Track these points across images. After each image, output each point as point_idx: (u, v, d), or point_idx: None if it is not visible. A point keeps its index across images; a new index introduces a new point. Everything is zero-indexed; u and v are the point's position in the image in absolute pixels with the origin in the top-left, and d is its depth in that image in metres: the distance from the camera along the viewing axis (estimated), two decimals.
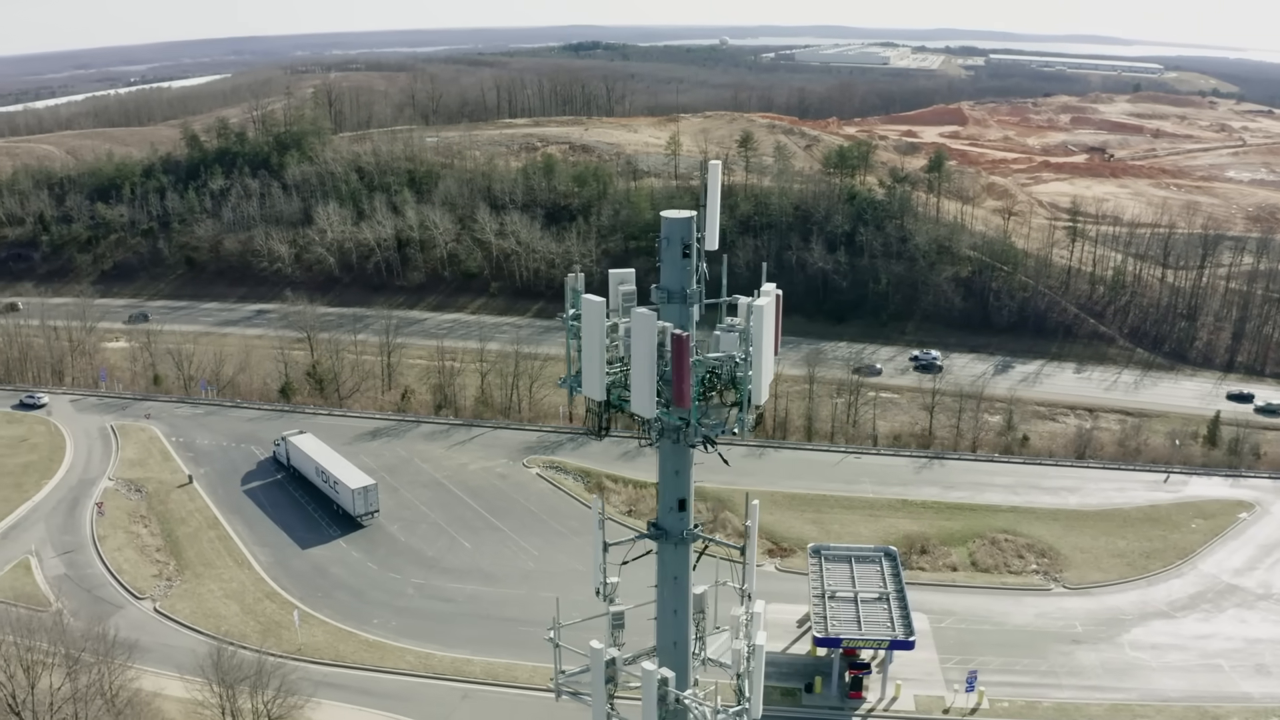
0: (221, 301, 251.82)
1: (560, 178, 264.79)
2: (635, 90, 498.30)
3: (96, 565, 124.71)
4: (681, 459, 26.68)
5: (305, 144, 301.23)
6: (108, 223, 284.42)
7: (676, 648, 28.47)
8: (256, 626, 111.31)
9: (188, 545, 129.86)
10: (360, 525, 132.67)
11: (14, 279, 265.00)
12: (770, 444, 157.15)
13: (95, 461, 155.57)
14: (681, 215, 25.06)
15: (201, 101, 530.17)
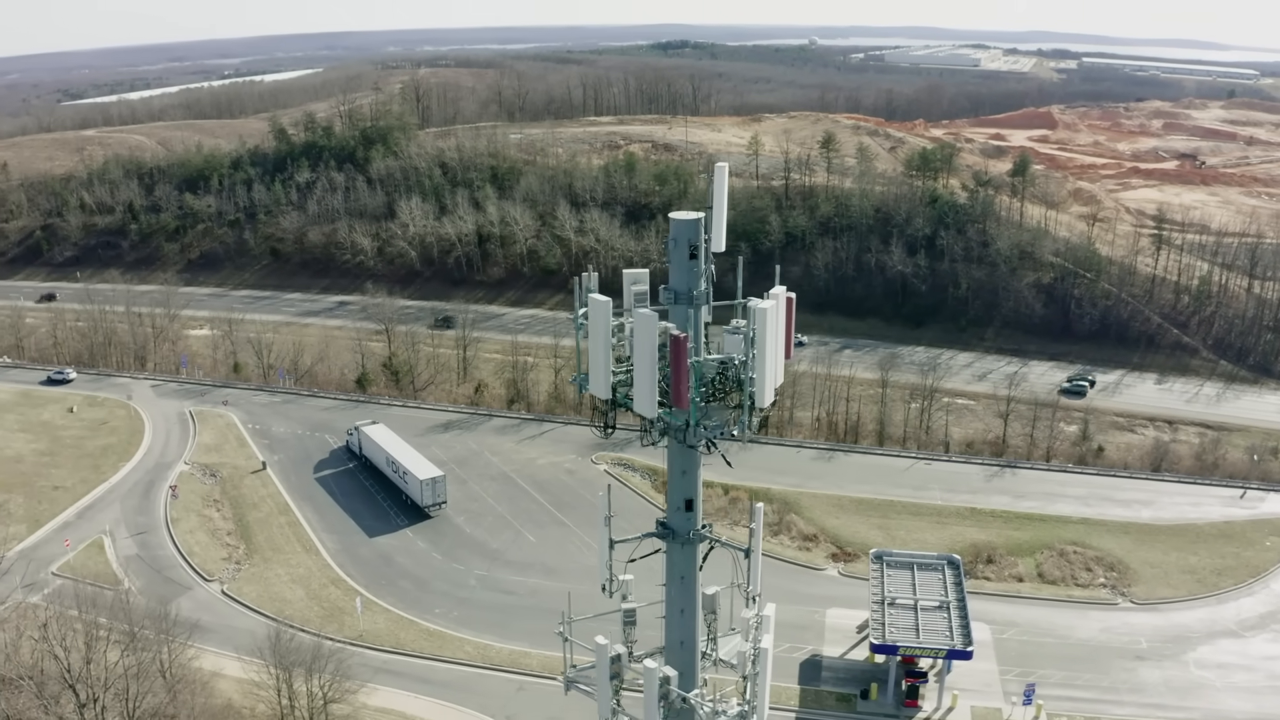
0: (304, 293, 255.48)
1: (641, 176, 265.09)
2: (721, 90, 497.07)
3: (168, 547, 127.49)
4: (688, 459, 26.77)
5: (391, 139, 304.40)
6: (195, 213, 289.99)
7: (684, 647, 28.52)
8: (320, 612, 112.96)
9: (258, 530, 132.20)
10: (427, 516, 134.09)
11: (102, 266, 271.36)
12: (840, 448, 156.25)
13: (173, 446, 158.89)
14: (689, 217, 25.05)
15: (292, 95, 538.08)
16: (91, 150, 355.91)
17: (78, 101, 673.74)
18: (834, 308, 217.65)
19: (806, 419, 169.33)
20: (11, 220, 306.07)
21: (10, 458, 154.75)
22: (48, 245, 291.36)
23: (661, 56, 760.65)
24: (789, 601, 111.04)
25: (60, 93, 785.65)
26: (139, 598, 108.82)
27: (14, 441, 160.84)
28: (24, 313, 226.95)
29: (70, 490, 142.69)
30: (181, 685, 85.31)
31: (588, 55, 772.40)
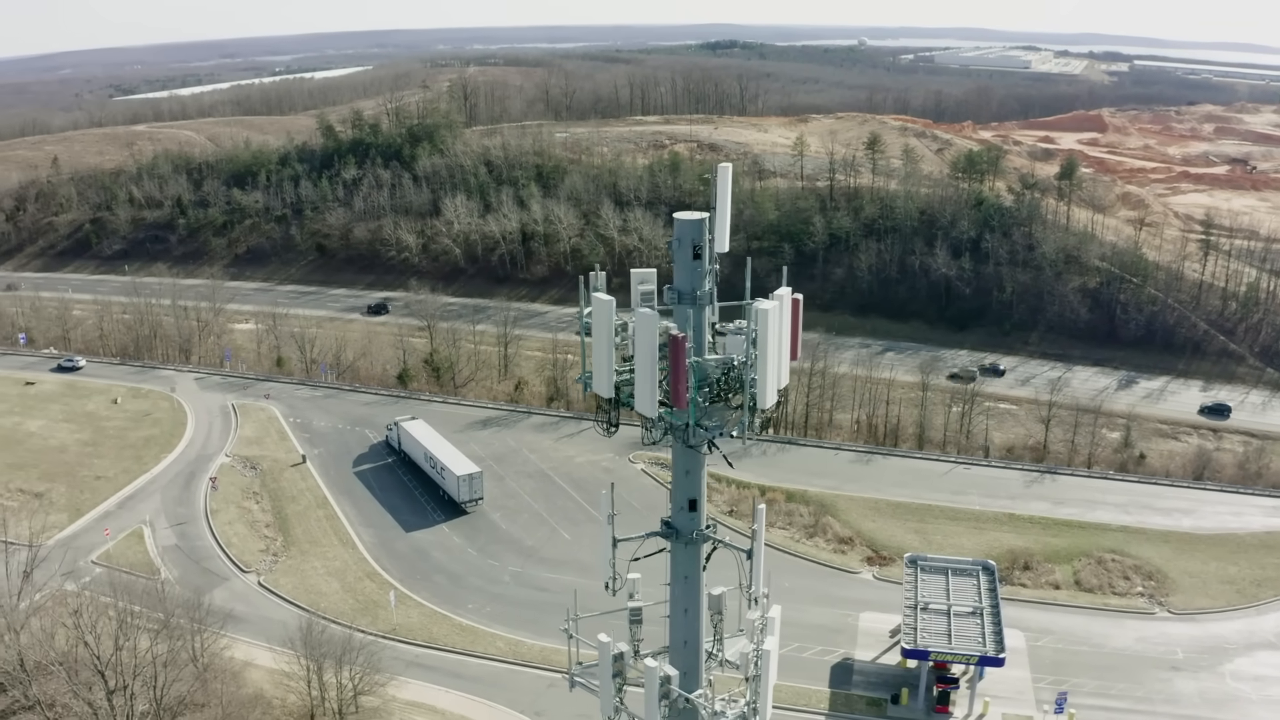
0: (349, 288, 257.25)
1: (685, 176, 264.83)
2: (769, 90, 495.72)
3: (207, 538, 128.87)
4: (691, 459, 26.68)
5: (437, 137, 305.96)
6: (243, 208, 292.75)
7: (687, 646, 28.45)
8: (355, 604, 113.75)
9: (296, 523, 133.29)
10: (464, 511, 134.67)
11: (150, 259, 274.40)
12: (879, 450, 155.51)
13: (214, 438, 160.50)
14: (692, 217, 25.02)
15: (341, 92, 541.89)
16: (141, 145, 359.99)
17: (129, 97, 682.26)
18: (877, 310, 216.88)
19: (846, 421, 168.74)
20: (61, 214, 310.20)
21: (54, 447, 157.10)
22: (97, 239, 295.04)
23: (710, 56, 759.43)
24: (822, 604, 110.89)
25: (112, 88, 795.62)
26: (175, 587, 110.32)
27: (58, 431, 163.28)
28: (71, 305, 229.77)
29: (112, 480, 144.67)
30: (213, 674, 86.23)
31: (636, 55, 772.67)
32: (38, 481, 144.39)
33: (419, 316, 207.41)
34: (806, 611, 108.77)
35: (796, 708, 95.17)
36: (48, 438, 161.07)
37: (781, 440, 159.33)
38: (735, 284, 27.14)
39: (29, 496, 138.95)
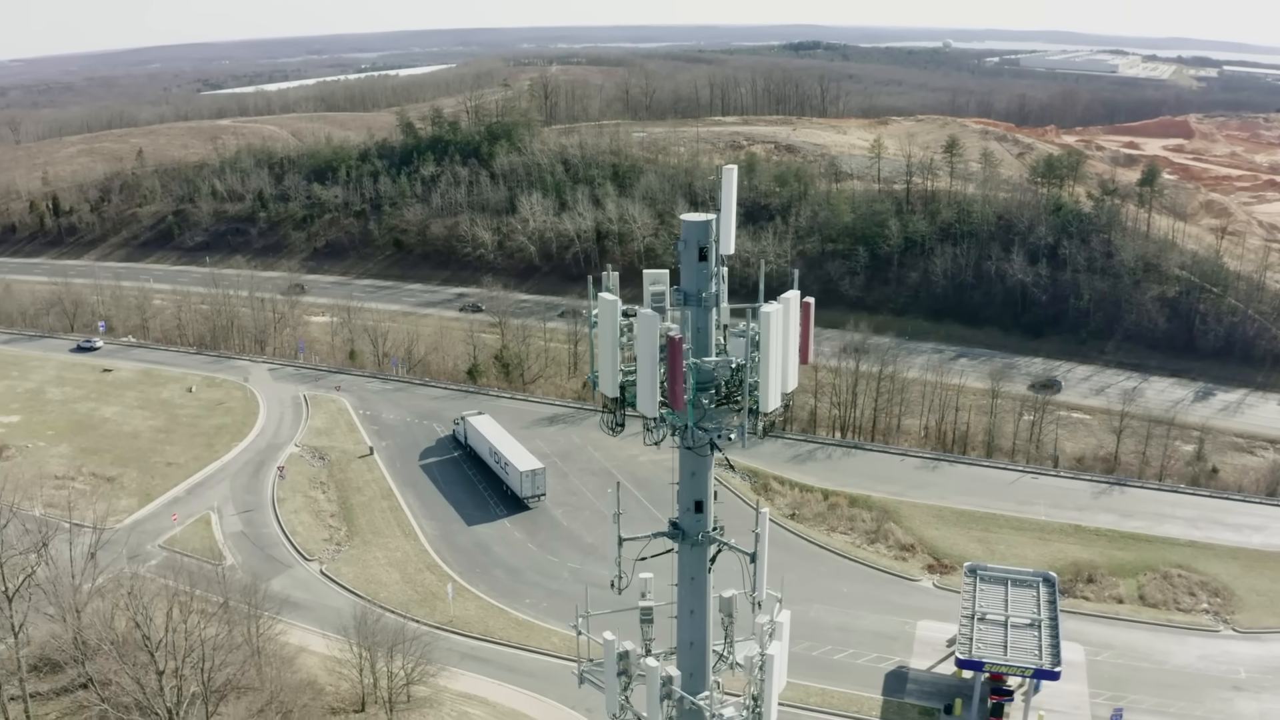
0: (425, 284, 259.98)
1: (761, 177, 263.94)
2: (851, 91, 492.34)
3: (272, 525, 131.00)
4: (697, 461, 26.66)
5: (515, 135, 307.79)
6: (322, 203, 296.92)
7: (693, 648, 28.42)
8: (414, 596, 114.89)
9: (360, 513, 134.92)
10: (526, 507, 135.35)
11: (230, 252, 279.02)
12: (946, 457, 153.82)
13: (285, 428, 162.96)
14: (699, 219, 24.98)
15: (424, 90, 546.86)
16: (225, 139, 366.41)
17: (216, 91, 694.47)
18: (951, 315, 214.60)
19: (915, 427, 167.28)
20: (145, 205, 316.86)
21: (128, 433, 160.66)
22: (179, 230, 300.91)
23: (793, 57, 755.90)
24: (880, 611, 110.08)
25: (200, 83, 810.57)
26: (237, 572, 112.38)
27: (133, 418, 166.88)
28: (151, 294, 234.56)
29: (183, 467, 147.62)
30: (266, 658, 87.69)
31: (718, 55, 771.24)
32: (110, 466, 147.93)
33: (491, 312, 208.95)
34: (863, 618, 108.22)
35: (848, 714, 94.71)
36: (122, 424, 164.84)
37: (847, 444, 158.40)
38: (810, 287, 26.94)
39: (100, 480, 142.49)
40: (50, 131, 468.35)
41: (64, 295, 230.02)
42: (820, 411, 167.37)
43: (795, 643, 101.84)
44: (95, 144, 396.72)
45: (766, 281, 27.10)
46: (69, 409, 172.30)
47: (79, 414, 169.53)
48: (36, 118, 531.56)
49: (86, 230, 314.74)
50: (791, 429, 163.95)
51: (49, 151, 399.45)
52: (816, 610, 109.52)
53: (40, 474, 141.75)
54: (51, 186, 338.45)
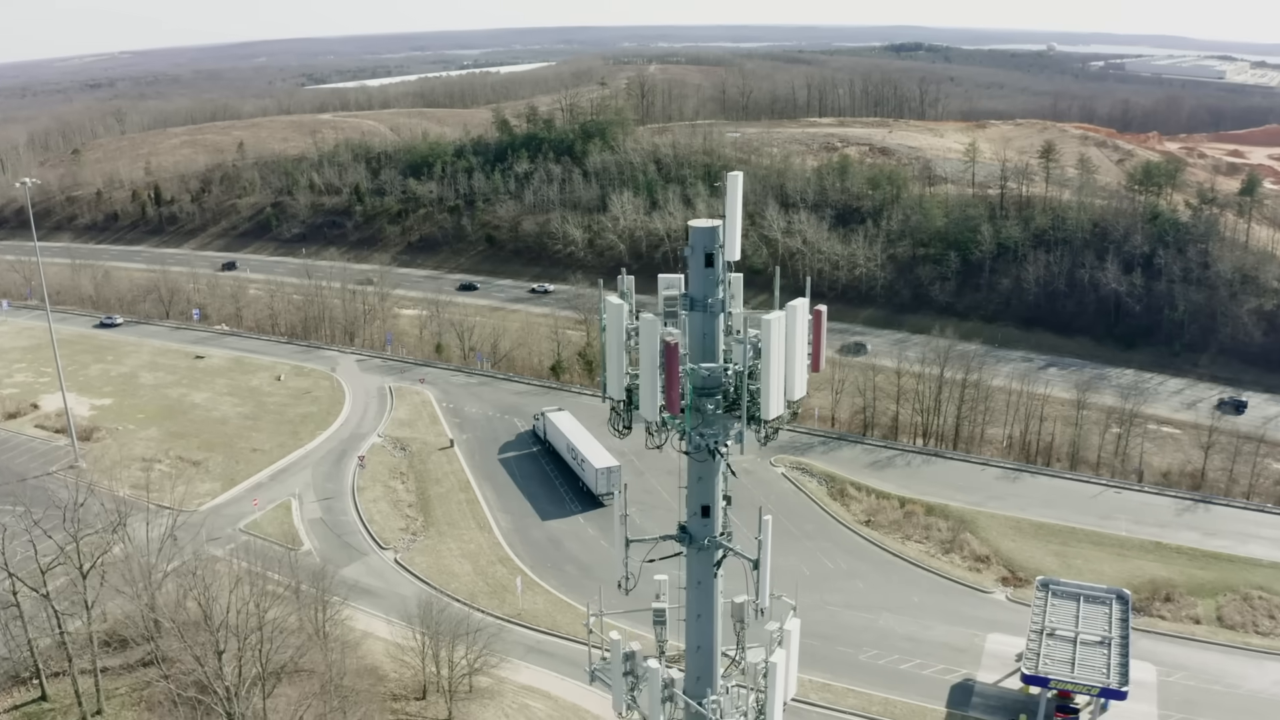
0: (515, 279, 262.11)
1: (854, 179, 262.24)
2: (950, 94, 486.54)
3: (351, 513, 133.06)
4: (704, 466, 26.63)
5: (609, 133, 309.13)
6: (417, 197, 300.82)
7: (700, 651, 28.45)
8: (484, 587, 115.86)
9: (437, 504, 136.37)
10: (601, 504, 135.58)
11: (326, 244, 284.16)
12: (1028, 468, 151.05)
13: (369, 418, 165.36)
14: (706, 225, 24.92)
15: (522, 88, 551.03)
16: (325, 133, 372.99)
17: (319, 86, 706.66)
18: (1042, 324, 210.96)
19: (998, 436, 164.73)
20: (244, 196, 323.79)
21: (216, 419, 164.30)
22: (276, 222, 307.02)
23: (894, 58, 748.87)
24: (950, 622, 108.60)
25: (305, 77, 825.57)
26: (314, 558, 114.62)
27: (222, 404, 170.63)
28: (247, 284, 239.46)
29: (267, 454, 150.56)
30: (332, 643, 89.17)
31: (818, 55, 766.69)
32: (196, 450, 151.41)
33: (578, 310, 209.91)
34: (933, 628, 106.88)
35: None
36: (211, 409, 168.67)
37: (928, 452, 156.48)
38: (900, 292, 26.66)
39: (186, 464, 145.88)
40: (155, 123, 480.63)
41: (161, 283, 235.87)
42: (903, 418, 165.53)
43: (861, 650, 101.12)
44: (198, 136, 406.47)
45: (852, 287, 26.88)
46: (160, 394, 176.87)
47: (169, 399, 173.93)
48: (142, 109, 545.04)
49: (187, 220, 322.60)
50: (873, 434, 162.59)
51: (153, 142, 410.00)
52: (886, 619, 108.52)
53: (127, 456, 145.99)
54: (154, 176, 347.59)
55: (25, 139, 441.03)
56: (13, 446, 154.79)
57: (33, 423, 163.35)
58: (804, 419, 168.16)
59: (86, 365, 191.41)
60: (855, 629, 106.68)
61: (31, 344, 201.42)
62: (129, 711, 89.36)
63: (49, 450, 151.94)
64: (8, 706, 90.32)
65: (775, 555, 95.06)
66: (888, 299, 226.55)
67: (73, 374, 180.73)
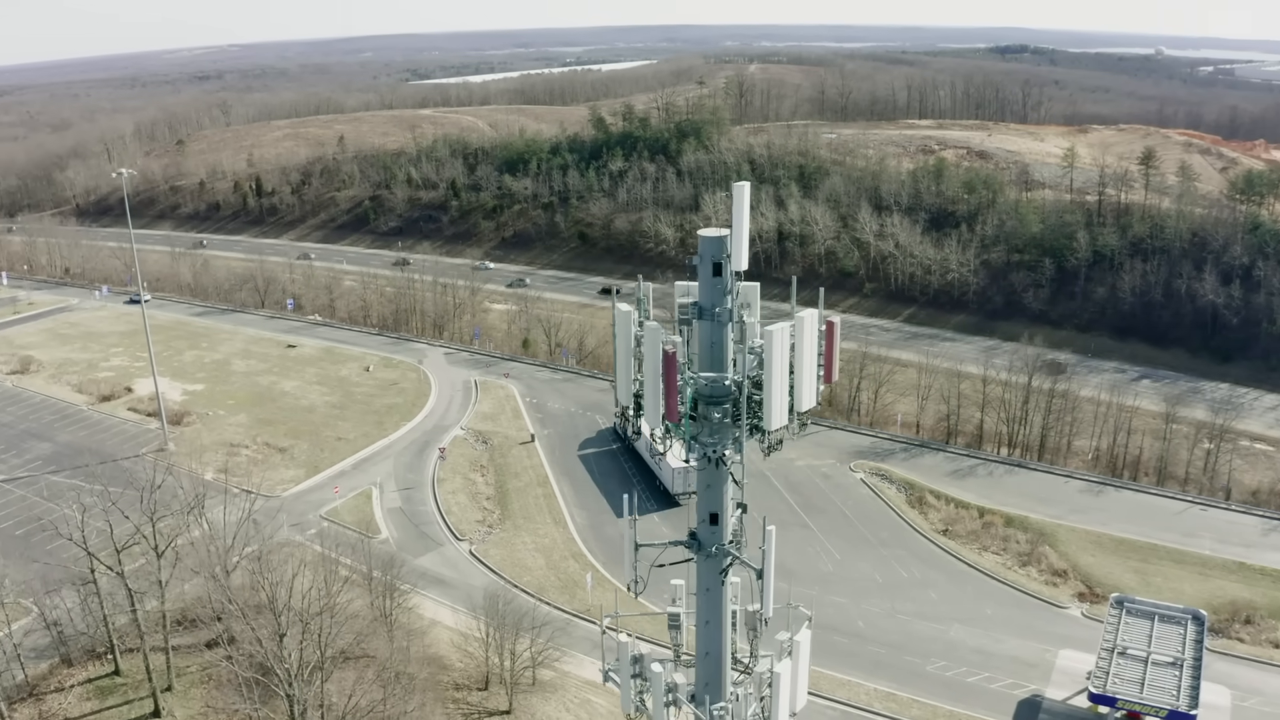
0: (607, 277, 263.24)
1: (949, 182, 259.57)
2: (1054, 98, 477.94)
3: (430, 504, 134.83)
4: (712, 474, 26.68)
5: (704, 133, 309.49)
6: (512, 194, 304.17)
7: (709, 657, 28.50)
8: (555, 581, 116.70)
9: (515, 498, 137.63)
10: (677, 503, 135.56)
11: (422, 237, 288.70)
12: (1112, 482, 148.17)
13: (453, 411, 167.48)
14: (714, 234, 25.00)
15: (622, 85, 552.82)
16: (424, 129, 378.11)
17: (422, 81, 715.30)
18: (1137, 334, 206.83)
19: (1085, 448, 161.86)
20: (343, 190, 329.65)
21: (304, 407, 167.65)
22: (374, 215, 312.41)
23: (998, 60, 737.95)
24: (1022, 636, 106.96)
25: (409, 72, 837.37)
26: (390, 546, 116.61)
27: (310, 393, 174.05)
28: (342, 276, 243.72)
29: (351, 442, 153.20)
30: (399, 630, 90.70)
31: (921, 57, 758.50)
32: (283, 437, 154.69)
33: (665, 309, 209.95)
34: (1004, 642, 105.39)
35: None
36: (299, 398, 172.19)
37: (1010, 462, 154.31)
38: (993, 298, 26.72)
39: (272, 450, 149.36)
40: (259, 115, 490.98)
41: (258, 272, 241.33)
42: (988, 426, 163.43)
43: (929, 661, 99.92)
44: (300, 129, 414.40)
45: (944, 292, 26.92)
46: (251, 381, 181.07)
47: (260, 386, 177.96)
48: (248, 101, 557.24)
49: (286, 211, 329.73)
50: (956, 442, 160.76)
51: (256, 134, 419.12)
52: (956, 630, 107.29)
53: (216, 441, 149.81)
54: (256, 168, 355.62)
55: (132, 129, 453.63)
56: (106, 428, 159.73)
57: (126, 406, 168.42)
58: (887, 425, 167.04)
59: (181, 351, 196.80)
60: (924, 639, 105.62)
61: (129, 329, 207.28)
62: (198, 689, 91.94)
63: (140, 433, 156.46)
64: (83, 679, 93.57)
65: (849, 561, 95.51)
66: (979, 305, 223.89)
67: (167, 360, 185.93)
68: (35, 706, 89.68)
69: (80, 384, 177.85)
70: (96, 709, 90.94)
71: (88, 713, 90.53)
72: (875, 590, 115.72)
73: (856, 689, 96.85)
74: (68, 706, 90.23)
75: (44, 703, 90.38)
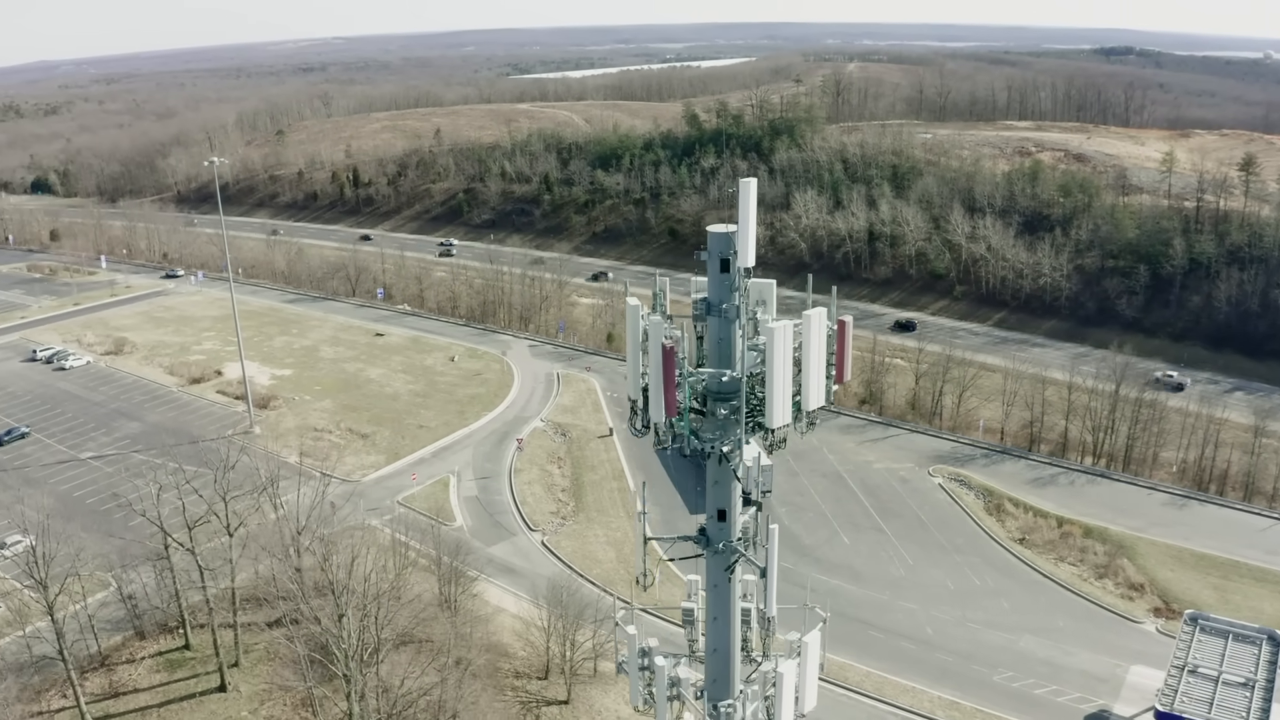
0: (696, 274, 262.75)
1: (1044, 185, 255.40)
2: (1157, 101, 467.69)
3: (505, 494, 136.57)
4: (719, 470, 26.84)
5: (797, 131, 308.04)
6: (604, 189, 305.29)
7: (717, 654, 28.70)
8: (624, 575, 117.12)
9: (590, 491, 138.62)
10: (750, 501, 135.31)
11: (514, 230, 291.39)
12: (1196, 496, 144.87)
13: (534, 403, 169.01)
14: (722, 230, 25.23)
15: (720, 83, 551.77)
16: (520, 123, 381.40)
17: (522, 76, 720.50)
18: (1232, 344, 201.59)
19: (1171, 460, 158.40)
20: (438, 182, 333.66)
21: (389, 395, 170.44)
22: (467, 208, 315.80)
23: (1103, 62, 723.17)
24: (1094, 650, 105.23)
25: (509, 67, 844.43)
26: (464, 534, 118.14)
27: (395, 381, 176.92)
28: (433, 267, 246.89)
29: (432, 431, 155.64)
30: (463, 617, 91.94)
31: (1024, 57, 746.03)
32: (366, 424, 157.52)
33: None
34: (1075, 655, 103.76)
35: None
36: (384, 385, 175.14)
37: (1093, 472, 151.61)
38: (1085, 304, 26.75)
39: (355, 436, 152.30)
40: (359, 107, 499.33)
41: (350, 262, 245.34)
42: (1072, 434, 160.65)
43: (996, 671, 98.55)
44: (399, 121, 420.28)
45: (1035, 297, 26.93)
46: (338, 368, 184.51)
47: (346, 373, 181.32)
48: (349, 93, 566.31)
49: (382, 202, 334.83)
50: (1038, 450, 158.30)
51: (355, 126, 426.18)
52: (1027, 641, 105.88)
53: (300, 425, 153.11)
54: (354, 159, 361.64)
55: (234, 119, 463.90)
56: (194, 410, 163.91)
57: (215, 389, 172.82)
58: (969, 430, 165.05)
59: (272, 337, 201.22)
60: (993, 648, 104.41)
61: (222, 314, 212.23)
62: (263, 666, 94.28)
63: (227, 415, 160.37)
64: (154, 652, 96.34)
65: (921, 567, 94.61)
66: (1071, 311, 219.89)
67: (258, 345, 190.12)
68: (106, 676, 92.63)
69: (172, 366, 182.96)
70: (165, 680, 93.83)
71: (157, 684, 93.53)
72: (946, 597, 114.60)
73: (920, 696, 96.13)
74: (137, 678, 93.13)
75: (115, 673, 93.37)
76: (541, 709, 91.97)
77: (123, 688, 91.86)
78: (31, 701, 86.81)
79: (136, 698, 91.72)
